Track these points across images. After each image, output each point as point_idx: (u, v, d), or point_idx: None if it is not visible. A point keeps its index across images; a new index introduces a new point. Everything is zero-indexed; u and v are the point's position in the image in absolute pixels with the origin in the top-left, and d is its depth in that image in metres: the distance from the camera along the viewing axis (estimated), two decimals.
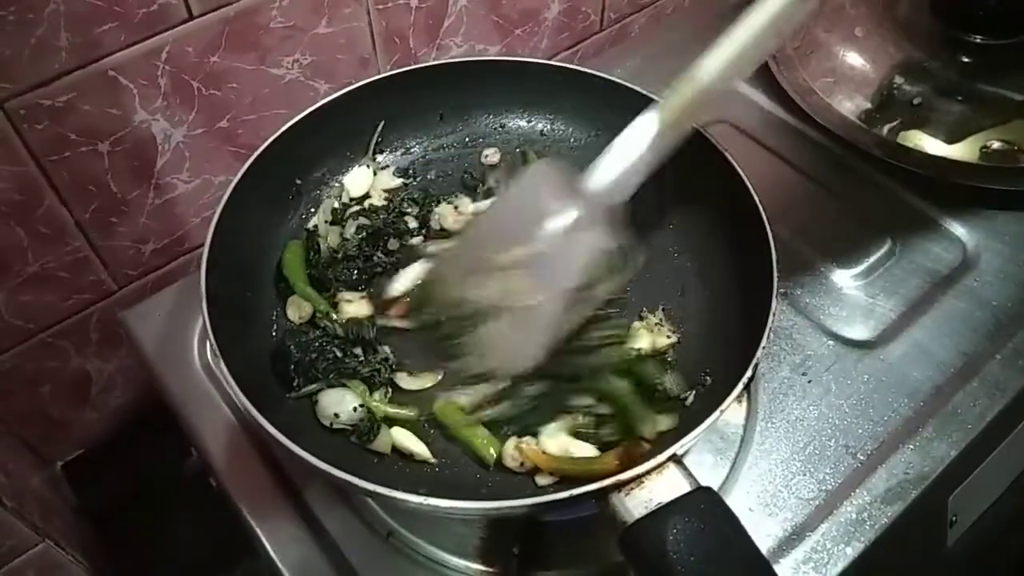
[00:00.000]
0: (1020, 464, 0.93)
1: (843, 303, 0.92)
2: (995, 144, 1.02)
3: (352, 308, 0.80)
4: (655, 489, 0.59)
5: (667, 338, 0.78)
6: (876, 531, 0.75)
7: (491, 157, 0.92)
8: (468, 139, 0.95)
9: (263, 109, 0.97)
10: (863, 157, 1.03)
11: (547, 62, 0.94)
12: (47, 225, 0.88)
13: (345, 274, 0.82)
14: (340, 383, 0.74)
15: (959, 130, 1.04)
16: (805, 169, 1.06)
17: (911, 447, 0.80)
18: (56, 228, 0.89)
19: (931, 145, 1.04)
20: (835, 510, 0.76)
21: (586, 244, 0.63)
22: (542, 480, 0.70)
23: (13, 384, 0.98)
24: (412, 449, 0.72)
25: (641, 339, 0.77)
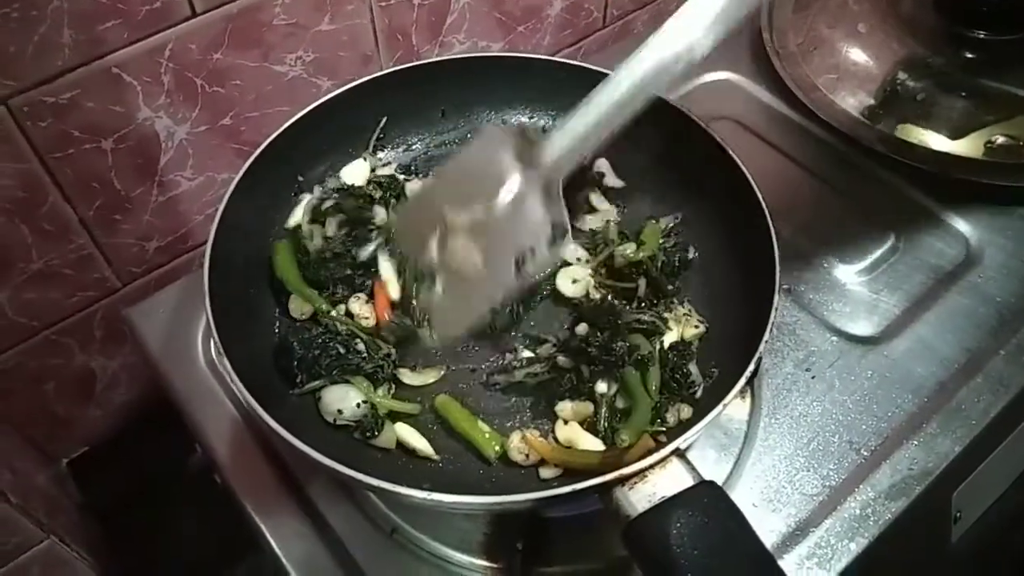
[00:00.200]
0: None
1: (847, 299, 0.92)
2: (999, 140, 1.02)
3: (356, 307, 0.80)
4: (659, 483, 0.59)
5: (695, 328, 0.78)
6: (880, 527, 0.75)
7: None
8: (470, 135, 0.95)
9: (266, 106, 0.97)
10: (866, 153, 1.03)
11: (549, 58, 0.94)
12: (51, 222, 0.89)
13: (339, 271, 0.81)
14: (343, 379, 0.74)
15: (963, 126, 1.04)
16: (808, 165, 1.06)
17: (915, 443, 0.80)
18: (60, 225, 0.90)
19: (934, 141, 1.03)
20: (839, 506, 0.76)
21: (528, 215, 0.63)
22: (546, 474, 0.71)
23: (17, 382, 0.99)
24: (415, 445, 0.72)
25: (670, 330, 0.77)
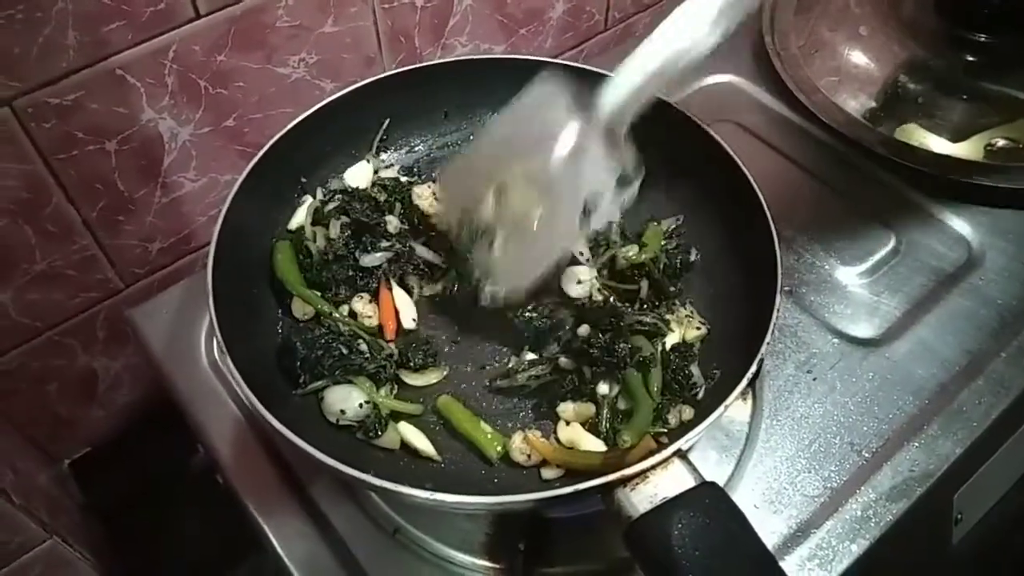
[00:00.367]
0: None
1: (848, 301, 0.92)
2: (1000, 142, 1.02)
3: (360, 307, 0.80)
4: (660, 484, 0.59)
5: (697, 330, 0.78)
6: (881, 528, 0.75)
7: None
8: (472, 137, 0.95)
9: (269, 108, 0.98)
10: (867, 155, 1.03)
11: (552, 60, 0.94)
12: (55, 223, 0.89)
13: (341, 273, 0.81)
14: (346, 379, 0.74)
15: (963, 128, 1.04)
16: (810, 167, 1.06)
17: (916, 445, 0.80)
18: (63, 226, 0.90)
19: (935, 143, 1.04)
20: (840, 507, 0.76)
21: (589, 164, 0.62)
22: (548, 474, 0.71)
23: (20, 382, 0.99)
24: (418, 445, 0.72)
25: (672, 331, 0.78)
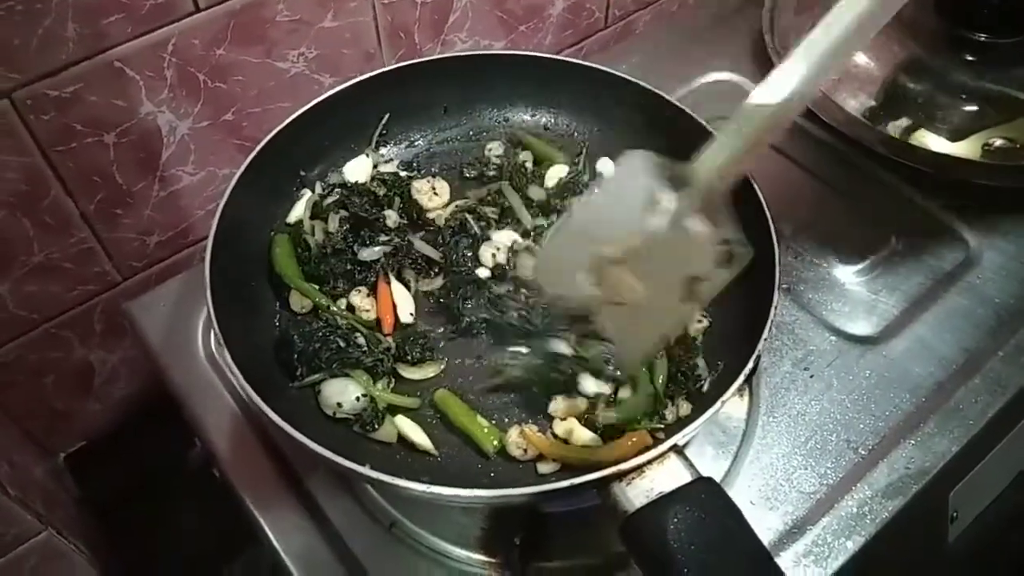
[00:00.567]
0: (1021, 461, 0.93)
1: (846, 299, 0.92)
2: (998, 142, 1.02)
3: (358, 300, 0.80)
4: (656, 479, 0.59)
5: (699, 322, 0.78)
6: (877, 526, 0.75)
7: (495, 151, 0.92)
8: (472, 133, 0.95)
9: (268, 102, 0.98)
10: (867, 154, 1.03)
11: (551, 56, 0.94)
12: (52, 216, 0.89)
13: (339, 267, 0.82)
14: (343, 372, 0.74)
15: (962, 128, 1.04)
16: (809, 166, 1.06)
17: (912, 442, 0.80)
18: (61, 219, 0.90)
19: (935, 143, 1.04)
20: (836, 504, 0.77)
21: (689, 235, 0.59)
22: (544, 468, 0.71)
23: (17, 375, 0.99)
24: (414, 439, 0.72)
25: None
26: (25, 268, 0.91)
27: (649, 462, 0.60)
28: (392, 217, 0.85)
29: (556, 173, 0.90)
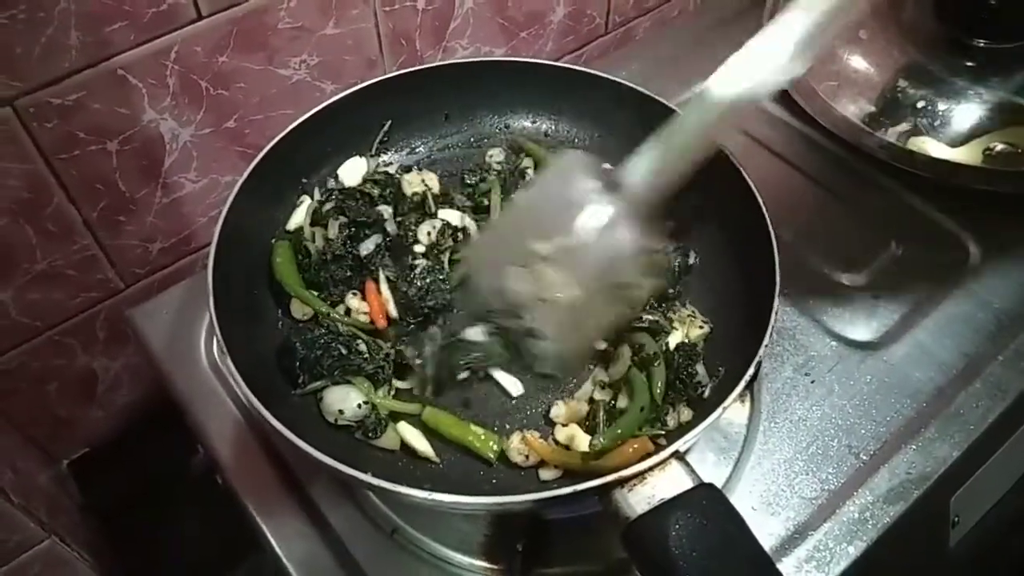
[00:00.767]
0: (1022, 465, 0.93)
1: (846, 304, 0.93)
2: (999, 147, 1.02)
3: (355, 303, 0.80)
4: (658, 485, 0.59)
5: (700, 328, 0.78)
6: (878, 531, 0.76)
7: (496, 157, 0.92)
8: (473, 139, 0.96)
9: (270, 109, 0.98)
10: (866, 160, 1.04)
11: (552, 63, 0.94)
12: (55, 223, 0.89)
13: (340, 273, 0.81)
14: (345, 380, 0.74)
15: (963, 133, 1.04)
16: (809, 171, 1.06)
17: (913, 447, 0.80)
18: (64, 226, 0.90)
19: (934, 148, 1.04)
20: (837, 509, 0.77)
21: (621, 241, 0.60)
22: (546, 475, 0.71)
23: (20, 382, 0.99)
24: (416, 446, 0.72)
25: (674, 331, 0.78)
26: (28, 275, 0.91)
27: (651, 468, 0.60)
28: (387, 212, 0.85)
29: None
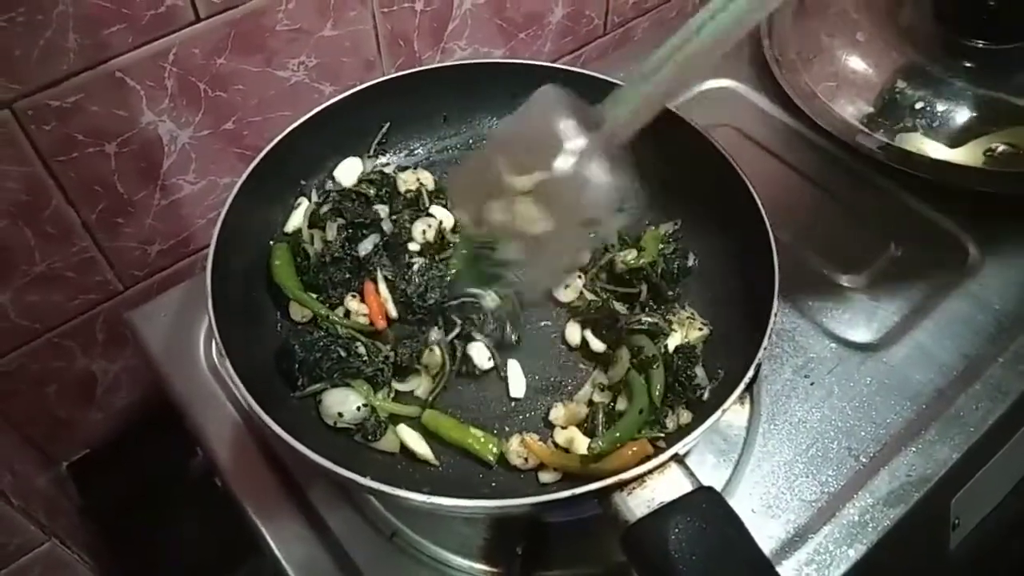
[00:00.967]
0: (1023, 467, 0.93)
1: (845, 306, 0.92)
2: (1000, 147, 1.02)
3: (354, 305, 0.81)
4: (657, 488, 0.59)
5: (699, 331, 0.78)
6: (878, 533, 0.75)
7: None
8: (472, 141, 0.96)
9: (268, 111, 0.98)
10: (865, 161, 1.03)
11: (551, 64, 0.94)
12: (54, 225, 0.89)
13: (338, 275, 0.82)
14: (344, 382, 0.74)
15: (961, 134, 1.04)
16: (808, 173, 1.06)
17: (913, 449, 0.80)
18: (63, 228, 0.90)
19: (933, 149, 1.04)
20: (837, 512, 0.77)
21: (592, 177, 0.61)
22: (545, 478, 0.71)
23: (19, 384, 0.99)
24: (415, 449, 0.72)
25: (673, 333, 0.78)
26: (27, 278, 0.91)
27: (650, 471, 0.60)
28: (384, 211, 0.85)
29: None
